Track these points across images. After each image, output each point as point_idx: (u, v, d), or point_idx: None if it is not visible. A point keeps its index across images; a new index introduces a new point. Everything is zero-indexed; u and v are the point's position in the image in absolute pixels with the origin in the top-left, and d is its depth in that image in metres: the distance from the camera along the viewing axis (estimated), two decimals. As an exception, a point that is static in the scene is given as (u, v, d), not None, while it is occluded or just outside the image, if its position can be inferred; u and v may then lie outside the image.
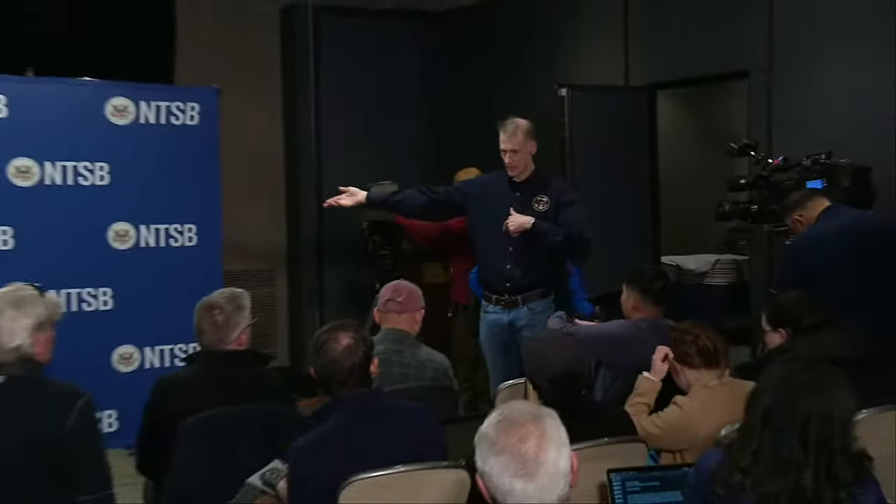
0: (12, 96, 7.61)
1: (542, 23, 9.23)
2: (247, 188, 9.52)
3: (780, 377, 3.14)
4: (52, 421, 3.83)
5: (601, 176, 7.68)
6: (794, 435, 2.99)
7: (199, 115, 8.29)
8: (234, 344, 4.87)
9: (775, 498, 2.97)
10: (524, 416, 2.59)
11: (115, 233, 8.04)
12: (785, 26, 6.96)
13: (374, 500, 3.65)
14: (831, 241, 5.39)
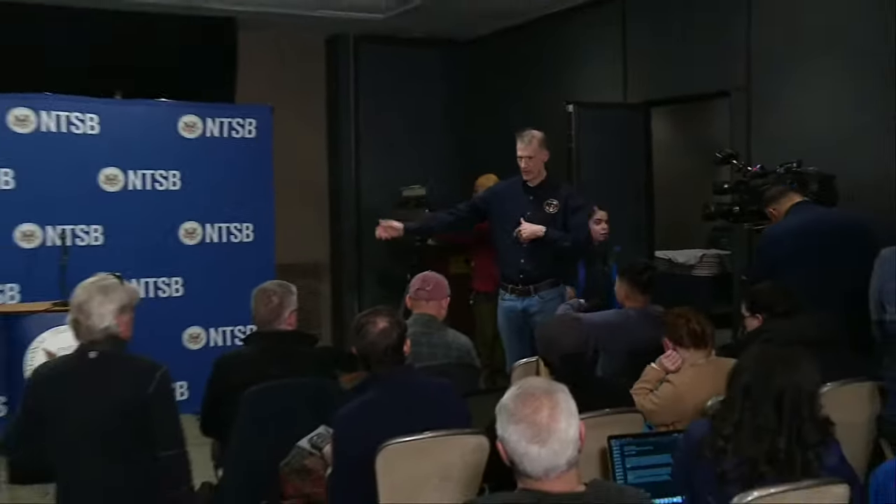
0: (103, 115, 7.83)
1: (551, 48, 9.21)
2: (296, 192, 9.53)
3: (758, 356, 3.18)
4: (136, 389, 3.88)
5: (603, 181, 7.65)
6: (771, 406, 3.04)
7: (255, 130, 8.38)
8: (285, 324, 4.92)
9: (754, 460, 3.00)
10: (538, 390, 2.60)
11: (185, 230, 8.14)
12: (760, 53, 6.92)
13: (406, 462, 3.67)
14: (791, 235, 5.37)
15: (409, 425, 3.66)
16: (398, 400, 3.81)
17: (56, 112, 7.72)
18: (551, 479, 2.52)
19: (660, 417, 4.31)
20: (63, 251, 7.06)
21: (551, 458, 2.51)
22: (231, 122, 8.31)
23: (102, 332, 3.91)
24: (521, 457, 2.53)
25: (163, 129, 8.08)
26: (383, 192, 9.97)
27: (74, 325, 3.98)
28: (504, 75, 9.86)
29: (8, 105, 7.61)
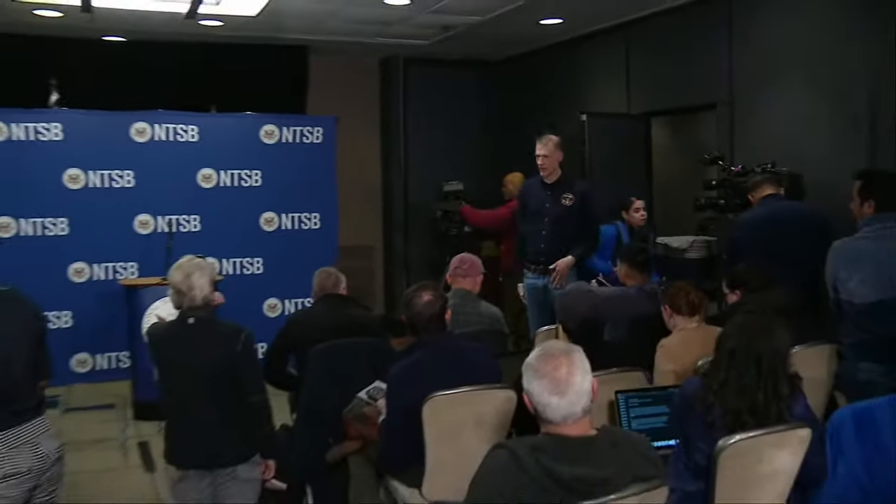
0: (202, 127, 8.00)
1: (566, 68, 9.17)
2: (355, 188, 9.55)
3: (741, 325, 3.18)
4: (227, 348, 3.91)
5: (611, 179, 7.61)
6: (752, 367, 3.05)
7: (322, 136, 8.45)
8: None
9: (737, 411, 3.02)
10: (558, 350, 2.60)
11: (264, 219, 8.23)
12: (740, 73, 6.88)
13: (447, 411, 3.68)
14: (753, 223, 5.35)
15: (449, 381, 3.68)
16: (441, 360, 3.82)
17: (166, 125, 7.90)
18: (569, 424, 2.52)
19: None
20: (170, 236, 7.16)
21: (569, 407, 2.51)
22: (302, 130, 8.39)
23: (201, 300, 3.96)
24: (543, 406, 2.53)
25: (248, 137, 8.18)
26: (427, 186, 9.98)
27: (177, 296, 4.01)
28: (528, 90, 9.82)
29: (130, 120, 7.81)
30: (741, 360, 3.06)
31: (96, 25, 7.91)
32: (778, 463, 3.00)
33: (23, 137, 7.53)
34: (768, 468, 2.99)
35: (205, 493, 4.16)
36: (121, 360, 7.77)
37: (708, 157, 6.74)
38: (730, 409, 3.01)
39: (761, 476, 2.99)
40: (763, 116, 6.70)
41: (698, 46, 7.32)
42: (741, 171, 6.25)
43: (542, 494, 2.43)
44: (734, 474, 2.92)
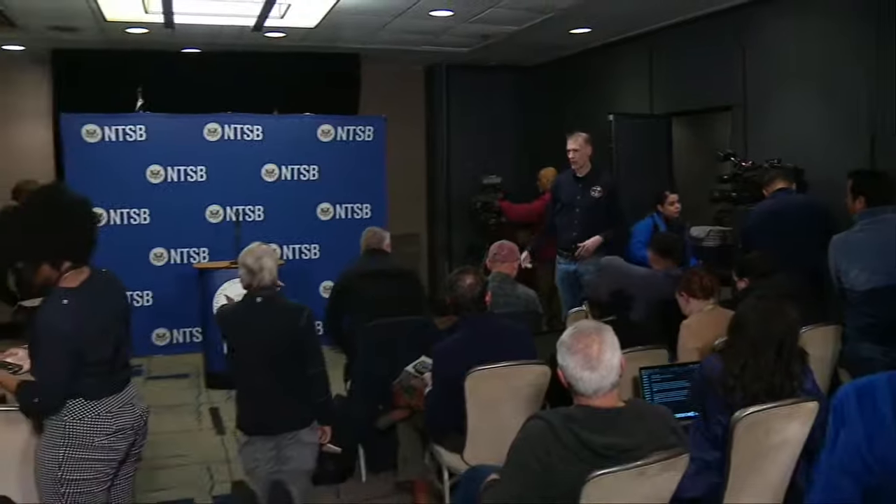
0: (265, 127, 8.03)
1: (595, 72, 9.11)
2: (402, 181, 9.56)
3: (758, 312, 3.08)
4: (291, 324, 3.95)
5: (636, 174, 7.54)
6: (771, 351, 3.00)
7: (373, 135, 8.42)
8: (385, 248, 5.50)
9: (755, 393, 2.96)
10: (590, 329, 2.60)
11: (321, 210, 8.25)
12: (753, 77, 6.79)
13: (487, 385, 3.69)
14: (762, 214, 5.35)
15: (489, 357, 3.68)
16: (482, 338, 3.82)
17: (234, 125, 7.94)
18: (599, 397, 2.52)
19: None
20: (237, 225, 7.20)
21: (599, 381, 2.50)
22: (355, 129, 8.38)
23: (269, 281, 4.00)
24: (576, 380, 2.52)
25: (306, 136, 8.19)
26: (467, 180, 9.97)
27: (248, 276, 4.05)
28: (559, 92, 9.76)
29: (204, 122, 7.87)
30: (761, 347, 3.00)
31: (176, 39, 8.01)
32: (788, 433, 2.97)
33: (113, 138, 7.65)
34: (779, 438, 2.96)
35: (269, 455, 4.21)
36: (194, 335, 7.86)
37: (721, 153, 6.70)
38: (749, 391, 2.96)
39: (773, 445, 2.96)
40: (774, 118, 6.61)
41: (715, 53, 7.23)
42: (751, 167, 6.23)
43: (574, 460, 2.43)
44: (748, 444, 2.90)
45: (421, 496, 4.22)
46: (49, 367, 2.77)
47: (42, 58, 8.67)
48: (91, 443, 2.86)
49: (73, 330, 2.79)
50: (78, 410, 2.84)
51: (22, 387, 2.83)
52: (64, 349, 2.78)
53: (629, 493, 2.47)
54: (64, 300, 2.80)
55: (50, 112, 8.78)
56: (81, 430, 2.84)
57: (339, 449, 4.70)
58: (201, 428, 5.94)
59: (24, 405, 2.87)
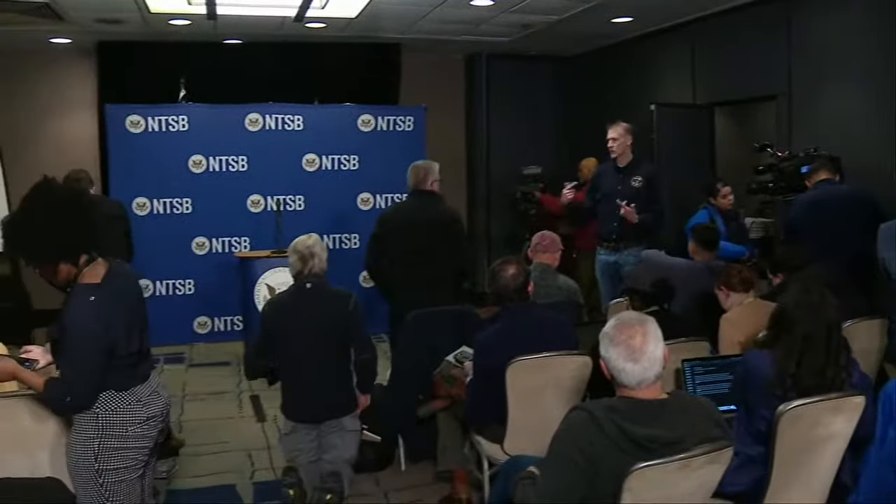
0: (306, 117, 8.08)
1: (636, 62, 9.02)
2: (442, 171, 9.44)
3: (806, 306, 3.02)
4: (340, 309, 4.04)
5: (678, 165, 7.46)
6: (823, 345, 2.96)
7: (413, 124, 8.43)
8: (429, 187, 5.52)
9: (809, 388, 2.92)
10: (633, 320, 2.58)
11: (361, 199, 8.29)
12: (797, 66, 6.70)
13: (528, 375, 3.68)
14: (805, 205, 5.32)
15: (531, 347, 3.67)
16: (523, 328, 3.81)
17: (275, 115, 8.00)
18: (642, 388, 2.50)
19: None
20: (278, 214, 7.28)
21: (642, 373, 2.48)
22: (395, 119, 8.39)
23: (319, 269, 4.11)
24: (619, 372, 2.50)
25: (346, 125, 8.22)
26: (507, 170, 9.92)
27: (300, 263, 4.13)
28: (599, 82, 9.69)
29: (245, 112, 7.94)
30: (813, 341, 2.96)
31: (218, 31, 8.08)
32: (835, 427, 2.92)
33: (156, 129, 7.74)
34: (825, 432, 2.91)
35: (311, 445, 4.26)
36: (235, 323, 7.95)
37: (757, 144, 6.63)
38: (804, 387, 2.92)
39: (818, 439, 2.92)
40: (819, 108, 6.52)
41: (759, 42, 7.13)
42: (787, 157, 6.14)
43: (617, 452, 2.42)
44: (793, 437, 2.86)
45: (460, 486, 4.23)
46: (81, 367, 2.76)
47: (88, 50, 8.80)
48: (125, 432, 2.88)
49: (103, 327, 2.78)
50: (110, 402, 2.86)
51: (50, 386, 2.80)
52: (95, 347, 2.77)
53: (672, 485, 2.45)
54: (91, 297, 2.79)
55: (95, 103, 8.91)
56: (115, 421, 2.86)
57: (378, 438, 4.76)
58: (242, 415, 6.00)
59: (54, 405, 2.86)
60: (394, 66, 9.59)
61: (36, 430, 3.14)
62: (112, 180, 7.80)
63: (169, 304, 7.76)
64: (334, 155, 8.16)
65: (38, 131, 9.03)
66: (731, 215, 6.45)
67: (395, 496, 4.51)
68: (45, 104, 9.08)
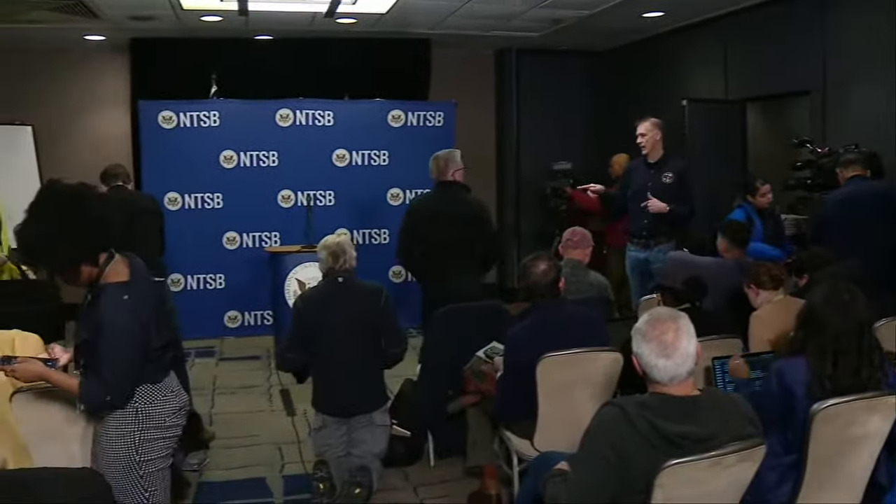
0: (336, 112, 8.10)
1: (667, 57, 8.95)
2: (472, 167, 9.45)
3: (836, 305, 2.97)
4: (373, 303, 4.09)
5: (710, 161, 7.39)
6: (854, 345, 2.92)
7: (443, 120, 8.42)
8: (450, 177, 5.49)
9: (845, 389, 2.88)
10: (665, 316, 2.56)
11: (391, 194, 8.30)
12: (832, 61, 6.61)
13: (559, 371, 3.68)
14: (835, 202, 5.29)
15: (562, 343, 3.67)
16: (554, 324, 3.81)
17: (305, 111, 8.04)
18: (674, 385, 2.49)
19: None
20: (308, 209, 7.32)
21: (675, 369, 2.47)
22: (425, 115, 8.40)
23: (349, 266, 4.18)
24: (651, 368, 2.50)
25: (377, 121, 8.24)
26: (537, 165, 9.91)
27: (331, 258, 4.17)
28: (630, 77, 9.62)
29: (275, 107, 7.99)
30: (846, 340, 2.91)
31: (250, 27, 8.15)
32: (870, 426, 2.88)
33: (188, 125, 7.82)
34: (860, 431, 2.88)
35: (341, 440, 4.30)
36: (265, 318, 8.00)
37: (796, 140, 6.55)
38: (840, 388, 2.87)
39: (853, 439, 2.88)
40: (852, 103, 6.44)
41: (792, 36, 7.05)
42: (827, 153, 6.08)
43: (649, 449, 2.41)
44: (827, 437, 2.83)
45: (489, 481, 4.22)
46: (120, 366, 2.78)
47: (121, 47, 8.91)
48: (163, 423, 2.93)
49: (138, 325, 2.81)
50: (146, 395, 2.89)
51: (87, 386, 2.80)
52: (132, 345, 2.80)
53: (703, 483, 2.44)
54: (124, 296, 2.80)
55: (128, 100, 9.03)
56: (152, 412, 2.90)
57: (408, 433, 4.78)
58: (272, 409, 6.04)
59: (93, 405, 2.84)
60: (424, 62, 9.60)
61: (68, 421, 3.19)
62: (144, 175, 7.89)
63: (200, 299, 7.84)
64: (364, 150, 8.19)
65: (73, 127, 9.17)
66: (767, 213, 6.39)
67: (424, 491, 4.52)
68: (79, 101, 9.21)
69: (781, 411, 2.92)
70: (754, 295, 4.30)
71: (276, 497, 4.48)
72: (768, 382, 3.02)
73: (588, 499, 2.50)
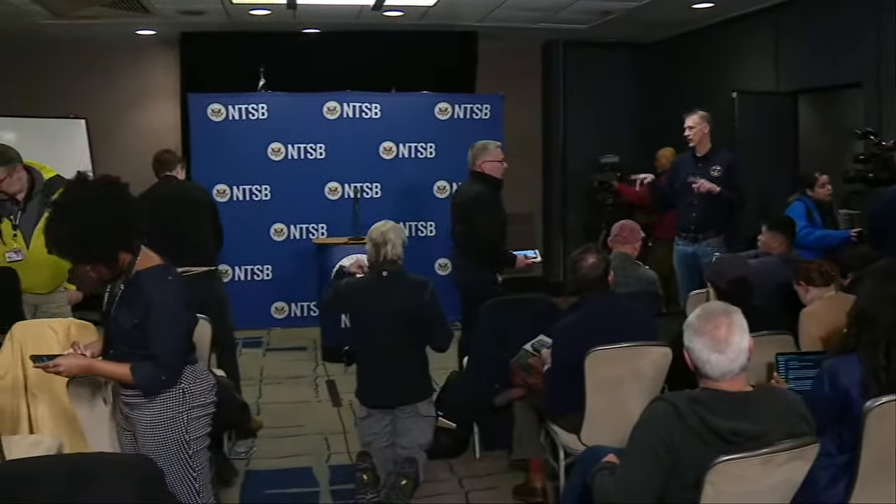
0: (383, 105, 8.12)
1: (716, 48, 8.82)
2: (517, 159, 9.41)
3: (887, 296, 2.92)
4: (416, 298, 4.09)
5: (760, 154, 7.27)
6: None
7: (490, 112, 8.42)
8: (478, 168, 5.45)
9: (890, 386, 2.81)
10: (718, 311, 2.53)
11: (437, 187, 8.31)
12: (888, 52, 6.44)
13: (607, 365, 3.66)
14: (891, 197, 5.14)
15: (610, 337, 3.66)
16: (603, 317, 3.80)
17: (353, 103, 8.08)
18: (727, 380, 2.46)
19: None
20: (355, 201, 7.37)
21: (728, 364, 2.44)
22: (472, 107, 8.39)
23: (394, 255, 4.18)
24: (703, 363, 2.47)
25: (424, 114, 8.26)
26: (584, 158, 9.86)
27: (373, 249, 4.18)
28: (678, 69, 9.51)
29: (323, 100, 8.05)
30: None
31: (298, 20, 8.22)
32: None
33: (237, 117, 7.91)
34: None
35: (386, 429, 4.32)
36: (312, 309, 8.07)
37: (859, 131, 6.41)
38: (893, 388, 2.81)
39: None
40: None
41: (845, 26, 6.89)
42: (891, 146, 5.93)
43: (699, 444, 2.39)
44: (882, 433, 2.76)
45: (535, 475, 4.24)
46: (172, 345, 2.87)
47: (171, 41, 9.05)
48: (206, 400, 3.04)
49: (184, 304, 2.94)
50: (190, 375, 2.99)
51: (140, 369, 2.86)
52: (182, 324, 2.93)
53: (755, 481, 2.41)
54: (168, 277, 2.90)
55: (178, 93, 9.16)
56: (197, 391, 3.00)
57: (454, 425, 4.79)
58: (319, 399, 6.10)
59: (148, 386, 2.89)
60: (470, 55, 9.59)
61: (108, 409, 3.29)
62: (194, 167, 7.98)
63: (247, 290, 7.94)
64: (411, 143, 8.21)
65: (124, 120, 9.33)
66: (826, 207, 6.27)
67: (469, 483, 4.53)
68: (130, 94, 9.37)
69: (835, 411, 2.87)
70: (804, 292, 4.24)
71: (321, 486, 4.53)
72: (820, 382, 2.96)
73: (635, 492, 2.49)
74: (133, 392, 2.94)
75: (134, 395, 2.94)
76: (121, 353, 2.93)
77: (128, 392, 2.97)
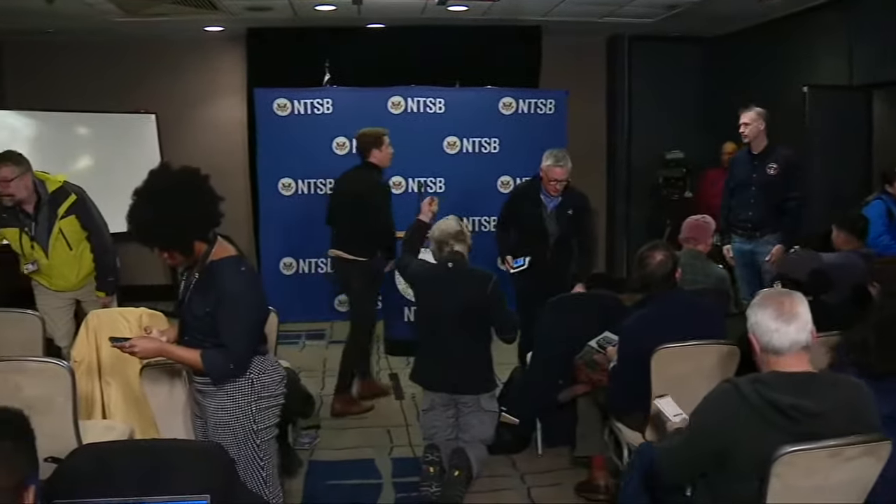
0: (447, 99, 8.16)
1: (787, 40, 8.61)
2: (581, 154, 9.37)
3: None
4: (480, 290, 4.15)
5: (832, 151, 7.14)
6: None
7: (554, 108, 8.40)
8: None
9: None
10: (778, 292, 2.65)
11: (501, 182, 8.33)
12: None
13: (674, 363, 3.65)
14: None
15: (677, 334, 3.65)
16: (670, 314, 3.79)
17: (417, 98, 8.14)
18: (793, 353, 2.49)
19: None
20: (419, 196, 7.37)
21: (794, 335, 2.48)
22: (536, 103, 8.38)
23: (461, 248, 4.29)
24: (770, 333, 2.51)
25: (488, 108, 8.27)
26: (648, 154, 9.76)
27: (440, 245, 4.24)
28: (744, 64, 9.32)
29: (387, 95, 8.12)
30: None
31: (362, 16, 8.29)
32: None
33: (302, 112, 8.05)
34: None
35: (449, 422, 4.36)
36: (375, 303, 8.15)
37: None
38: None
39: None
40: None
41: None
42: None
43: (760, 420, 2.42)
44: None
45: (598, 472, 4.24)
46: (242, 335, 2.95)
47: (238, 37, 9.21)
48: (275, 391, 3.12)
49: (257, 295, 3.02)
50: (260, 365, 3.06)
51: (210, 356, 2.95)
52: (253, 315, 3.00)
53: (823, 475, 2.42)
54: (242, 267, 2.98)
55: (244, 88, 9.33)
56: (267, 382, 3.07)
57: (517, 420, 4.81)
58: (382, 392, 6.17)
59: (217, 374, 2.98)
60: (534, 49, 9.56)
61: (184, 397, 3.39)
62: (260, 161, 8.17)
63: (311, 282, 8.07)
64: (475, 138, 8.24)
65: (193, 116, 9.53)
66: None
67: (531, 479, 4.56)
68: (198, 90, 9.57)
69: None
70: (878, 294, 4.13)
71: (384, 478, 4.60)
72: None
73: (672, 465, 2.64)
74: (204, 379, 3.04)
75: (205, 382, 3.05)
76: (194, 339, 3.02)
77: (200, 379, 3.08)
